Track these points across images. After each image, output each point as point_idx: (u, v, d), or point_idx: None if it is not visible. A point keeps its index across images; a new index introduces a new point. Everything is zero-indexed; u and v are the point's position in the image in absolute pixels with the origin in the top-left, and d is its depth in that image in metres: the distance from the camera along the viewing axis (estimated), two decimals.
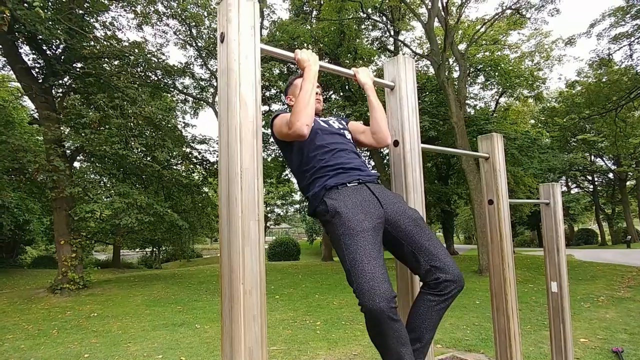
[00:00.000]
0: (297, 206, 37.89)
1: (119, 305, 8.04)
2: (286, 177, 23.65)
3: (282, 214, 39.77)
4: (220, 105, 1.29)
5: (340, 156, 1.62)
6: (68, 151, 10.24)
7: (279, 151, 18.28)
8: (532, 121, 24.26)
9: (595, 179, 31.61)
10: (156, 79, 12.46)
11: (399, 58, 1.87)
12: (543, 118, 22.29)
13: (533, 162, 12.89)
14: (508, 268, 2.39)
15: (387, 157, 16.39)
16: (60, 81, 10.31)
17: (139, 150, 10.52)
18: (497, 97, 19.61)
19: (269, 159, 16.95)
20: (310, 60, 1.53)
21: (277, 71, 15.21)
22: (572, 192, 33.30)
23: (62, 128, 9.68)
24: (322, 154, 1.62)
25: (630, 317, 5.89)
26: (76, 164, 11.46)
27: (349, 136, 1.79)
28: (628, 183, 29.91)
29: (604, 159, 29.04)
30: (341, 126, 1.82)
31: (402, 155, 1.80)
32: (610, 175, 30.46)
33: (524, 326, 5.63)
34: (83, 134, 9.02)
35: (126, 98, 9.33)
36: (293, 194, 38.64)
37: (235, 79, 1.25)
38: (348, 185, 1.53)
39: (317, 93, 1.72)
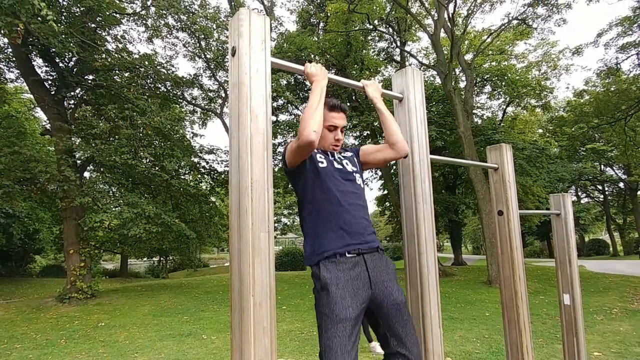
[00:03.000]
0: None
1: (126, 315, 8.05)
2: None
3: (289, 223, 39.71)
4: (231, 118, 1.31)
5: (347, 212, 1.59)
6: (79, 161, 10.39)
7: None
8: (540, 131, 24.09)
9: (606, 189, 31.15)
10: (165, 90, 12.64)
11: (407, 70, 1.89)
12: (551, 127, 22.14)
13: (541, 173, 12.75)
14: (519, 280, 2.36)
15: (395, 167, 16.35)
16: (72, 93, 10.53)
17: (148, 160, 10.64)
18: (505, 107, 19.55)
19: (276, 169, 17.02)
20: (319, 74, 1.55)
21: (285, 82, 15.35)
22: (582, 201, 32.84)
23: (73, 139, 9.85)
24: (331, 200, 1.58)
25: None
26: (86, 174, 11.61)
27: (360, 181, 1.75)
28: (639, 193, 29.44)
29: (614, 168, 28.67)
30: (355, 168, 1.75)
31: (411, 166, 1.80)
32: (621, 184, 30.01)
33: (536, 339, 5.52)
34: (94, 145, 9.16)
35: (136, 109, 9.47)
36: None
37: (246, 92, 1.27)
38: (347, 255, 1.52)
39: (339, 129, 1.72)
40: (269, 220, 1.23)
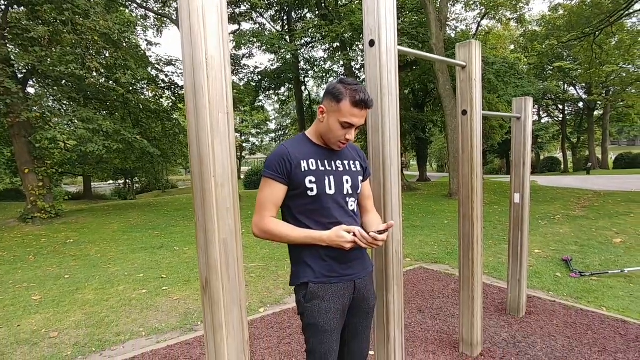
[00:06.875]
0: (273, 135, 37.45)
1: (95, 232, 8.06)
2: (260, 104, 22.94)
3: (257, 143, 39.36)
4: None
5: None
6: (20, 75, 9.40)
7: (252, 75, 17.35)
8: (512, 47, 23.92)
9: (566, 109, 32.48)
10: None
11: None
12: (523, 42, 21.99)
13: (508, 89, 12.91)
14: (476, 177, 2.47)
15: (363, 74, 15.98)
16: None
17: (98, 71, 9.73)
18: (479, 19, 18.98)
19: (241, 84, 16.21)
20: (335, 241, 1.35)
21: None
22: (543, 121, 34.32)
23: (8, 46, 8.75)
24: (322, 225, 1.39)
25: (582, 232, 6.45)
26: (32, 90, 10.60)
27: (353, 203, 1.46)
28: (595, 112, 30.97)
29: (577, 88, 29.60)
30: (352, 189, 1.46)
31: (377, 55, 1.71)
32: (580, 104, 31.31)
33: (486, 241, 6.08)
34: (33, 53, 8.19)
35: (77, 11, 8.37)
36: (268, 122, 37.87)
37: None
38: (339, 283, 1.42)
39: (354, 127, 1.37)
40: (227, 101, 1.14)
